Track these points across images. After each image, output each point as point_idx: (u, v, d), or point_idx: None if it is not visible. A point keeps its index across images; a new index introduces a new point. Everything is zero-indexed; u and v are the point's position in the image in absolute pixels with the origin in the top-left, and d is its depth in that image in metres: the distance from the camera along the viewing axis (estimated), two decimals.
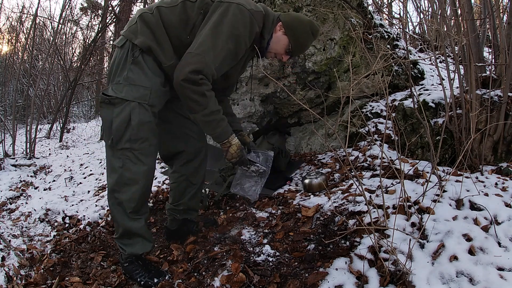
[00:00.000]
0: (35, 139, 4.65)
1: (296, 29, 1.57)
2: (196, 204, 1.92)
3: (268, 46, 1.60)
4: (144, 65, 1.47)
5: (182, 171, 1.80)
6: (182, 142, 1.75)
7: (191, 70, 1.34)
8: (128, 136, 1.45)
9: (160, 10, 1.48)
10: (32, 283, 1.68)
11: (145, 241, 1.61)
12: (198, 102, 1.40)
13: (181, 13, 1.48)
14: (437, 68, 1.98)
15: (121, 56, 1.48)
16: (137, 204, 1.53)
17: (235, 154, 1.57)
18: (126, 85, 1.45)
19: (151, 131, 1.50)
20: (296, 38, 1.58)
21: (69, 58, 8.26)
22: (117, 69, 1.48)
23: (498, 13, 2.35)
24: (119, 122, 1.44)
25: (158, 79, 1.50)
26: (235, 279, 1.43)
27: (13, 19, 7.83)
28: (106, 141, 1.51)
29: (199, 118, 1.45)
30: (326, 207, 1.86)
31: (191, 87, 1.37)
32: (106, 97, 1.46)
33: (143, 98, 1.45)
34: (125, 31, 1.51)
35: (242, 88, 3.02)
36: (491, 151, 1.96)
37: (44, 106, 7.84)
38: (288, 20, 1.58)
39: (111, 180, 1.53)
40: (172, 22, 1.48)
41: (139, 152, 1.48)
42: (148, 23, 1.47)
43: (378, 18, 3.34)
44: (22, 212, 2.68)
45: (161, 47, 1.48)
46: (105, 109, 1.48)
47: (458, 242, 1.30)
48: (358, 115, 2.81)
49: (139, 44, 1.45)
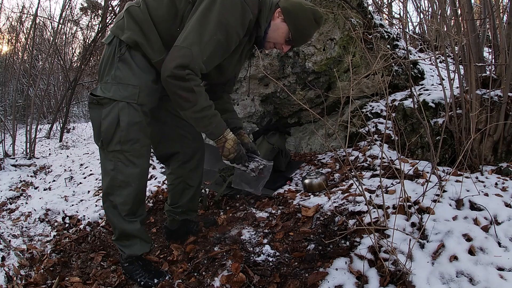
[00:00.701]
0: (35, 139, 4.65)
1: (297, 15, 1.44)
2: (195, 205, 1.89)
3: (266, 35, 1.48)
4: (131, 62, 1.40)
5: (178, 173, 1.76)
6: (177, 143, 1.70)
7: (176, 65, 1.26)
8: (118, 138, 1.40)
9: (147, 3, 1.40)
10: (32, 283, 1.68)
11: (143, 242, 1.59)
12: (186, 98, 1.31)
13: (169, 5, 1.39)
14: (437, 68, 1.98)
15: (109, 54, 1.42)
16: (132, 207, 1.50)
17: (232, 149, 1.47)
18: (114, 84, 1.39)
19: (142, 131, 1.44)
20: (297, 25, 1.45)
21: (69, 58, 8.25)
22: (105, 67, 1.43)
23: (498, 13, 2.35)
24: (108, 123, 1.39)
25: (147, 76, 1.43)
26: (235, 279, 1.43)
27: (13, 19, 7.83)
28: (97, 143, 1.47)
29: (189, 115, 1.37)
30: (326, 207, 1.86)
31: (178, 83, 1.28)
32: (94, 97, 1.41)
33: (132, 97, 1.39)
34: (112, 27, 1.45)
35: (242, 88, 3.02)
36: (491, 151, 1.96)
37: (44, 106, 7.84)
38: (287, 6, 1.45)
39: (104, 183, 1.49)
40: (160, 15, 1.40)
41: (130, 154, 1.43)
42: (134, 18, 1.39)
43: (378, 18, 3.34)
44: (22, 212, 2.68)
45: (149, 42, 1.40)
46: (93, 110, 1.43)
47: (458, 242, 1.30)
48: (358, 115, 2.81)
49: (125, 39, 1.38)
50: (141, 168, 1.48)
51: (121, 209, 1.49)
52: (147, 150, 1.52)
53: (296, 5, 1.45)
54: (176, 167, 1.75)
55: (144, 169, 1.51)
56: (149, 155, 1.55)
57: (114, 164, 1.44)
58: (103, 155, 1.48)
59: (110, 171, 1.46)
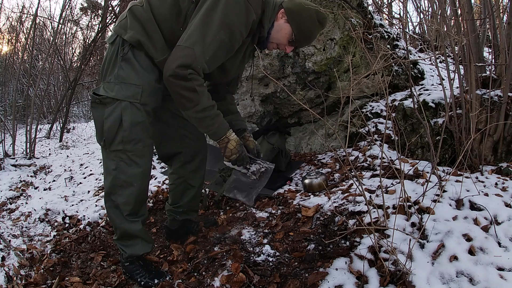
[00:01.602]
0: (35, 139, 4.65)
1: (300, 16, 1.44)
2: (196, 205, 1.90)
3: (269, 35, 1.48)
4: (134, 61, 1.40)
5: (180, 173, 1.76)
6: (179, 143, 1.71)
7: (178, 65, 1.26)
8: (120, 138, 1.40)
9: (150, 2, 1.40)
10: (32, 283, 1.68)
11: (145, 242, 1.59)
12: (188, 98, 1.31)
13: (172, 4, 1.39)
14: (437, 68, 1.98)
15: (112, 53, 1.42)
16: (134, 207, 1.50)
17: (234, 150, 1.47)
18: (117, 84, 1.39)
19: (144, 131, 1.44)
20: (300, 26, 1.45)
21: (69, 58, 8.25)
22: (108, 67, 1.43)
23: (498, 13, 2.35)
24: (110, 123, 1.39)
25: (151, 75, 1.43)
26: (235, 279, 1.43)
27: (13, 19, 7.83)
28: (99, 142, 1.46)
29: (191, 115, 1.37)
30: (326, 207, 1.86)
31: (180, 83, 1.28)
32: (96, 96, 1.41)
33: (135, 97, 1.39)
34: (115, 26, 1.45)
35: (242, 88, 3.02)
36: (491, 151, 1.96)
37: (44, 106, 7.84)
38: (291, 6, 1.45)
39: (106, 182, 1.49)
40: (163, 14, 1.39)
41: (132, 154, 1.44)
42: (137, 17, 1.39)
43: (378, 18, 3.34)
44: (22, 212, 2.68)
45: (152, 41, 1.40)
46: (96, 110, 1.43)
47: (458, 242, 1.30)
48: (358, 115, 2.81)
49: (128, 39, 1.39)
50: (144, 168, 1.48)
51: (123, 209, 1.49)
52: (150, 150, 1.52)
53: (300, 6, 1.45)
54: (178, 167, 1.76)
55: (147, 169, 1.51)
56: (151, 155, 1.55)
57: (117, 164, 1.44)
58: (105, 154, 1.47)
59: (112, 170, 1.46)
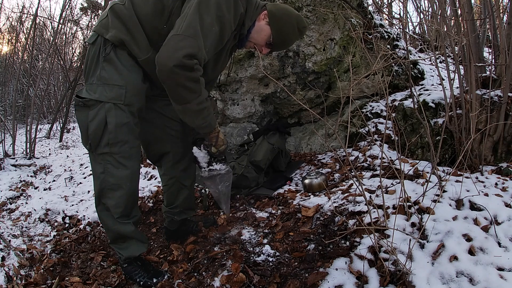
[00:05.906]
0: (35, 139, 4.65)
1: (281, 21, 1.44)
2: (192, 202, 1.87)
3: (249, 34, 1.47)
4: (117, 61, 1.37)
5: (171, 173, 1.74)
6: (167, 143, 1.68)
7: (185, 54, 1.20)
8: (106, 140, 1.38)
9: (132, 1, 1.37)
10: (32, 283, 1.68)
11: (139, 242, 1.57)
12: (192, 89, 1.27)
13: (155, 2, 1.35)
14: (437, 68, 1.98)
15: (94, 54, 1.38)
16: (124, 209, 1.49)
17: (224, 140, 1.52)
18: (100, 85, 1.36)
19: (130, 132, 1.41)
20: (279, 31, 1.45)
21: (69, 58, 8.25)
22: (90, 68, 1.39)
23: (498, 13, 2.35)
24: (95, 126, 1.36)
25: (134, 75, 1.40)
26: (235, 279, 1.43)
27: (13, 19, 7.84)
28: (85, 146, 1.44)
29: (191, 107, 1.32)
30: (326, 207, 1.86)
31: (186, 74, 1.23)
32: (79, 99, 1.37)
33: (118, 98, 1.36)
34: (96, 26, 1.40)
35: (242, 88, 3.02)
36: (491, 151, 1.96)
37: (44, 106, 7.85)
38: (274, 10, 1.45)
39: (96, 186, 1.47)
40: (146, 12, 1.36)
41: (119, 156, 1.41)
42: (119, 15, 1.35)
43: (378, 18, 3.34)
44: (22, 212, 2.68)
45: (135, 40, 1.36)
46: (80, 113, 1.39)
47: (458, 242, 1.30)
48: (358, 115, 2.81)
49: (110, 38, 1.35)
50: (132, 170, 1.46)
51: (114, 211, 1.47)
52: (137, 151, 1.49)
53: (283, 12, 1.46)
54: (168, 167, 1.74)
55: (135, 171, 1.49)
56: (139, 156, 1.53)
57: (104, 167, 1.42)
58: (92, 158, 1.45)
59: (100, 174, 1.44)
